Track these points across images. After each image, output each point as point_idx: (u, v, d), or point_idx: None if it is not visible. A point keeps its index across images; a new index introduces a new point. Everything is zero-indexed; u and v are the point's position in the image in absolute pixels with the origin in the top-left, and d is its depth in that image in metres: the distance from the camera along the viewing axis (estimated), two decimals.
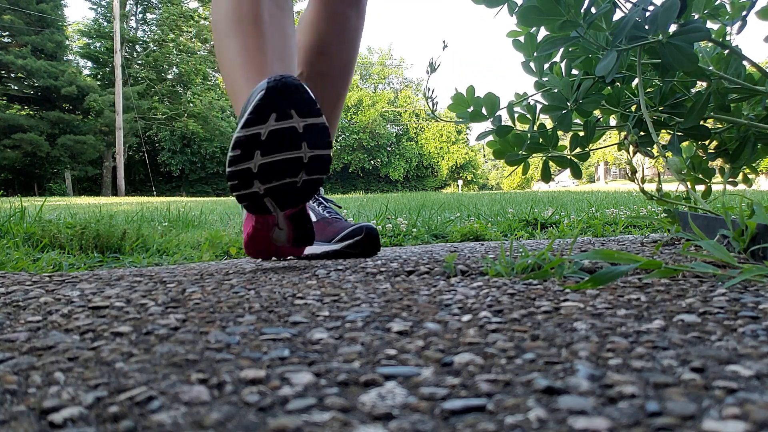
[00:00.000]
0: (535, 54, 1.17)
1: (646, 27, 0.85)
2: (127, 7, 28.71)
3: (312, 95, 0.77)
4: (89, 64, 27.99)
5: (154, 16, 29.56)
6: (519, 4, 0.99)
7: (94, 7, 27.13)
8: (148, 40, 29.17)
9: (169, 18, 27.46)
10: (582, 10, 0.93)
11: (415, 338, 0.42)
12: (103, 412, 0.28)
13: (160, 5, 28.53)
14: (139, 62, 28.59)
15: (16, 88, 23.13)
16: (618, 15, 0.96)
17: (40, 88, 23.06)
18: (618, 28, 0.89)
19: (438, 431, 0.26)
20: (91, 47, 27.31)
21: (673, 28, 0.84)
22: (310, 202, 1.18)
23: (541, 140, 1.20)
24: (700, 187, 1.20)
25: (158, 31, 28.22)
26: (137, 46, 29.14)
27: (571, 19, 0.94)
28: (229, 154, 0.76)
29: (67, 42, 25.45)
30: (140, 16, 29.67)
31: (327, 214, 1.15)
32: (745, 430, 0.24)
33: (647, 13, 0.86)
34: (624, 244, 1.17)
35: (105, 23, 26.74)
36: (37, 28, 23.00)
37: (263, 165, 0.77)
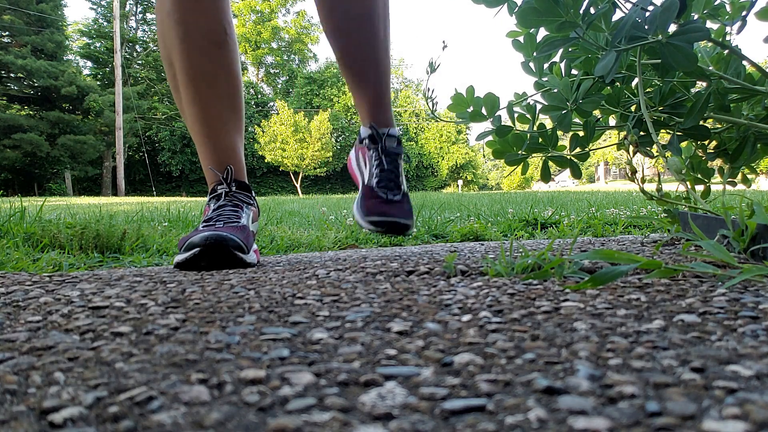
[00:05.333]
0: (534, 54, 1.17)
1: (646, 27, 0.85)
2: (127, 7, 28.73)
3: (241, 256, 0.96)
4: (89, 64, 28.01)
5: (154, 16, 29.55)
6: (518, 4, 0.99)
7: (94, 7, 27.15)
8: (148, 40, 29.20)
9: None
10: (581, 11, 0.93)
11: (415, 338, 0.42)
12: (103, 412, 0.28)
13: None
14: (139, 62, 28.61)
15: (16, 88, 23.14)
16: (618, 15, 0.96)
17: (40, 88, 23.07)
18: (617, 28, 0.88)
19: (438, 431, 0.26)
20: (91, 47, 27.33)
21: (672, 28, 0.84)
22: None
23: (540, 140, 1.20)
24: (700, 187, 1.20)
25: None
26: (137, 46, 29.17)
27: (569, 20, 0.93)
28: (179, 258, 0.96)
29: (67, 42, 25.46)
30: (140, 16, 29.71)
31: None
32: (745, 430, 0.24)
33: (647, 13, 0.86)
34: (624, 244, 1.17)
35: (105, 23, 26.76)
36: (37, 28, 23.00)
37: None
